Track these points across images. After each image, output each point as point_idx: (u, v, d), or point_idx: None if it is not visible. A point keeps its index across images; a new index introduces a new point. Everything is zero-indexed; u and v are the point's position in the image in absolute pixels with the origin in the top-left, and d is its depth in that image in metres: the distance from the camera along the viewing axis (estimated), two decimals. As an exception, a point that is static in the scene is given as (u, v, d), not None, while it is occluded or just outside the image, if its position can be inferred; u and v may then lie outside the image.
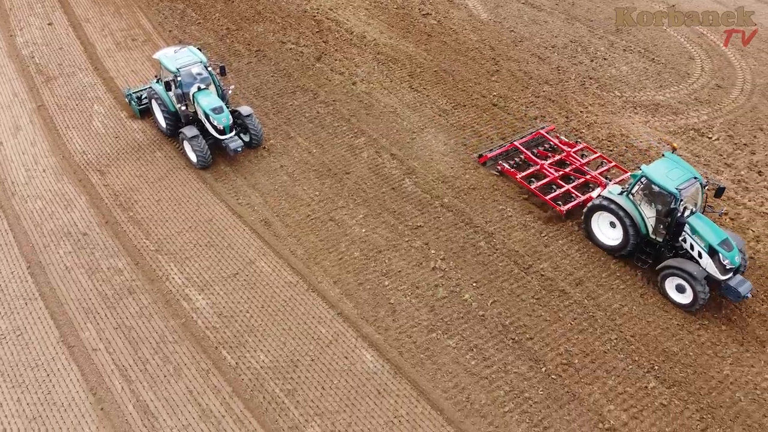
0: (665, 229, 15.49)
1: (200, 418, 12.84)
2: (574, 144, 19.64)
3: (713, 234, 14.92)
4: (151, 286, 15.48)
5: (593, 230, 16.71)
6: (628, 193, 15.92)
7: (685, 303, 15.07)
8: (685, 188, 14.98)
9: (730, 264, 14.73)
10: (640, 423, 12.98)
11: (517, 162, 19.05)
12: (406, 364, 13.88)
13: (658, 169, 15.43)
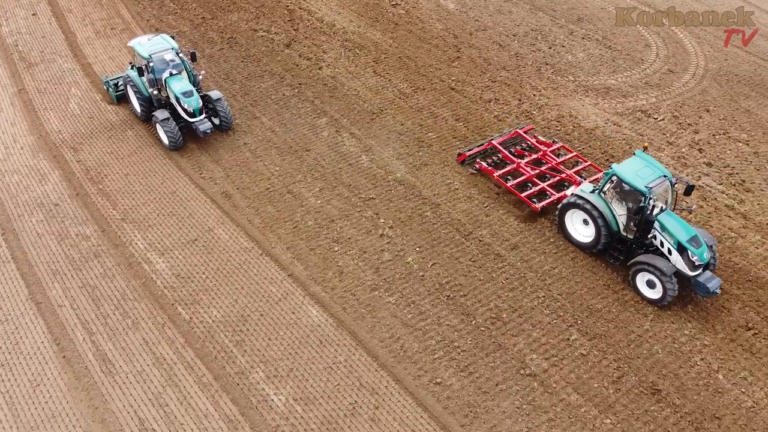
0: (636, 227, 15.90)
1: (154, 365, 14.08)
2: (551, 143, 20.06)
3: (682, 231, 15.32)
4: (115, 250, 16.74)
5: (567, 227, 17.10)
6: (600, 191, 16.32)
7: (655, 298, 15.53)
8: (655, 186, 15.34)
9: (698, 260, 15.13)
10: (560, 370, 14.21)
11: (494, 161, 19.54)
12: (348, 318, 15.13)
13: (628, 167, 15.79)
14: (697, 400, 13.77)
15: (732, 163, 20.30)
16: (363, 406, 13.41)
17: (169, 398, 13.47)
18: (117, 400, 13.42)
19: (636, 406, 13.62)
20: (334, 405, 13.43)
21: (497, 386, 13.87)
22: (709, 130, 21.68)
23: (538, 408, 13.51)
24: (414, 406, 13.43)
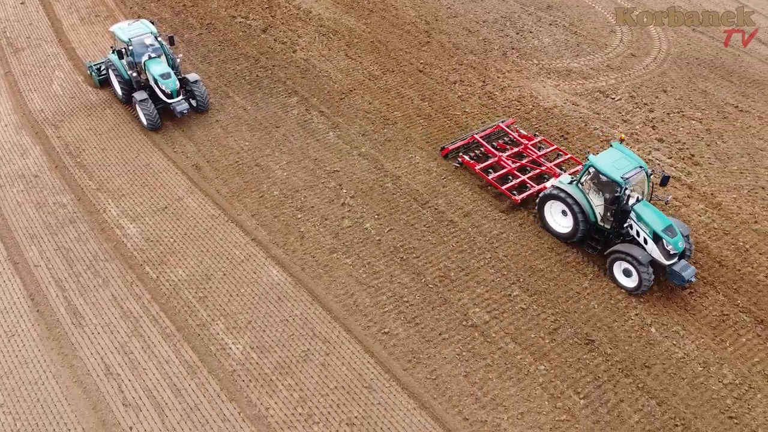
0: (612, 216, 16.31)
1: (121, 318, 15.17)
2: (532, 137, 20.56)
3: (658, 221, 15.70)
4: (90, 217, 17.83)
5: (546, 218, 17.45)
6: (578, 182, 16.74)
7: (632, 286, 15.90)
8: (631, 177, 15.72)
9: (673, 249, 15.52)
10: (500, 322, 15.28)
11: (477, 154, 19.99)
12: (306, 277, 16.22)
13: (605, 158, 16.21)
14: (629, 350, 14.84)
15: (683, 139, 21.37)
16: (315, 353, 14.50)
17: (133, 347, 14.56)
18: (85, 348, 14.51)
19: (569, 354, 14.69)
20: (288, 352, 14.51)
21: (440, 336, 14.96)
22: (665, 109, 22.75)
23: (477, 355, 14.58)
24: (362, 353, 14.52)
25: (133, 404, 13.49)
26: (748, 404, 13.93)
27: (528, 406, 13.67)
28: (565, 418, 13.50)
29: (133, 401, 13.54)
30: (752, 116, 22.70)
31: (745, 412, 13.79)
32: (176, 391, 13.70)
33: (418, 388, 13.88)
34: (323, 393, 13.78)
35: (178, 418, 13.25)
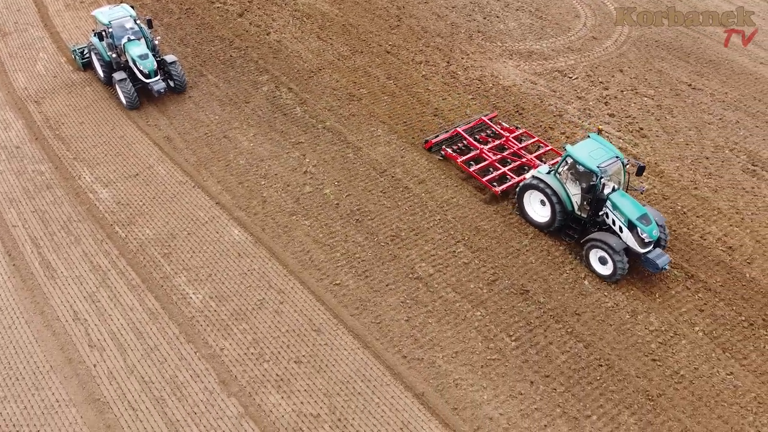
0: (589, 205, 16.76)
1: (90, 271, 16.41)
2: (514, 129, 20.98)
3: (633, 209, 16.07)
4: (66, 183, 19.07)
5: (525, 208, 17.87)
6: (555, 172, 17.14)
7: (607, 274, 16.34)
8: (606, 166, 16.17)
9: (648, 237, 15.87)
10: (443, 275, 16.50)
11: (460, 147, 20.45)
12: (265, 236, 17.45)
13: (581, 149, 16.66)
14: (561, 300, 16.04)
15: (634, 114, 22.57)
16: (269, 302, 15.72)
17: (101, 296, 15.80)
18: (56, 298, 15.75)
19: (505, 302, 15.89)
20: (244, 301, 15.74)
21: (387, 287, 16.17)
22: (619, 87, 23.95)
23: (420, 303, 15.80)
24: (313, 301, 15.74)
25: (97, 345, 14.72)
26: (672, 349, 15.11)
27: (462, 347, 14.88)
28: (496, 357, 14.70)
29: (98, 342, 14.78)
30: (704, 93, 23.89)
31: (669, 356, 14.97)
32: (138, 334, 14.94)
33: (363, 331, 15.11)
34: (275, 336, 15.00)
35: (138, 357, 14.48)
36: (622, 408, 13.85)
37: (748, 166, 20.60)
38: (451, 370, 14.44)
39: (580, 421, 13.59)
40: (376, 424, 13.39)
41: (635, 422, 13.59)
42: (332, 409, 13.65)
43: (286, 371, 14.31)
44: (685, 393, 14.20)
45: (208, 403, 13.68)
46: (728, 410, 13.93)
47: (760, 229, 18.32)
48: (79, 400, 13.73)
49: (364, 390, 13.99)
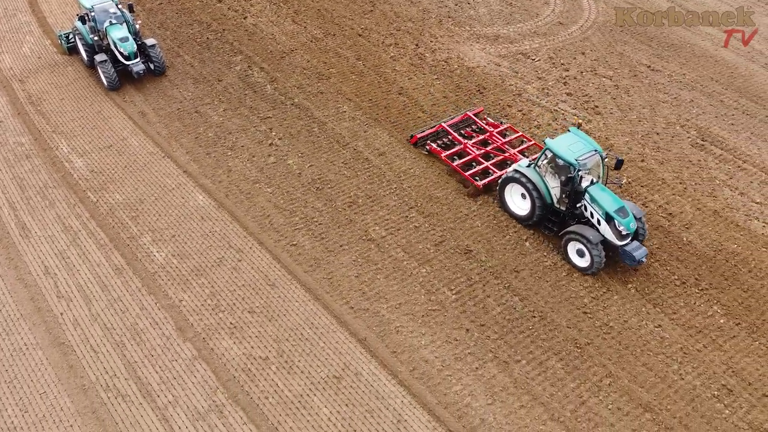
0: (567, 198, 17.08)
1: (62, 232, 17.59)
2: (498, 125, 21.32)
3: (610, 202, 16.36)
4: (44, 153, 20.28)
5: (506, 201, 18.19)
6: (535, 165, 17.42)
7: (584, 266, 16.64)
8: (584, 159, 16.41)
9: (625, 230, 16.17)
10: (394, 236, 17.62)
11: (445, 142, 20.73)
12: (228, 201, 18.59)
13: (561, 142, 16.97)
14: (502, 258, 17.14)
15: (591, 93, 23.64)
16: (228, 260, 16.87)
17: (71, 253, 16.97)
18: (29, 254, 16.93)
19: (449, 261, 16.99)
20: (204, 259, 16.89)
21: (341, 247, 17.29)
22: (579, 68, 25.03)
23: (370, 261, 16.91)
24: (270, 260, 16.88)
25: (65, 296, 15.89)
26: (603, 303, 16.19)
27: (406, 299, 15.99)
28: (436, 308, 15.80)
29: (65, 294, 15.95)
30: (662, 75, 24.94)
31: (600, 310, 16.04)
32: (103, 287, 16.11)
33: (315, 285, 16.24)
34: (231, 289, 16.15)
35: (102, 307, 15.65)
36: (550, 354, 14.93)
37: (698, 141, 21.64)
38: (393, 319, 15.55)
39: (509, 365, 14.67)
40: (320, 365, 14.51)
41: (562, 367, 14.67)
42: (280, 352, 14.78)
43: (240, 320, 15.45)
44: (613, 342, 15.27)
45: (165, 347, 14.82)
46: (653, 359, 14.99)
47: (702, 198, 19.37)
48: (45, 344, 14.90)
49: (311, 336, 15.11)
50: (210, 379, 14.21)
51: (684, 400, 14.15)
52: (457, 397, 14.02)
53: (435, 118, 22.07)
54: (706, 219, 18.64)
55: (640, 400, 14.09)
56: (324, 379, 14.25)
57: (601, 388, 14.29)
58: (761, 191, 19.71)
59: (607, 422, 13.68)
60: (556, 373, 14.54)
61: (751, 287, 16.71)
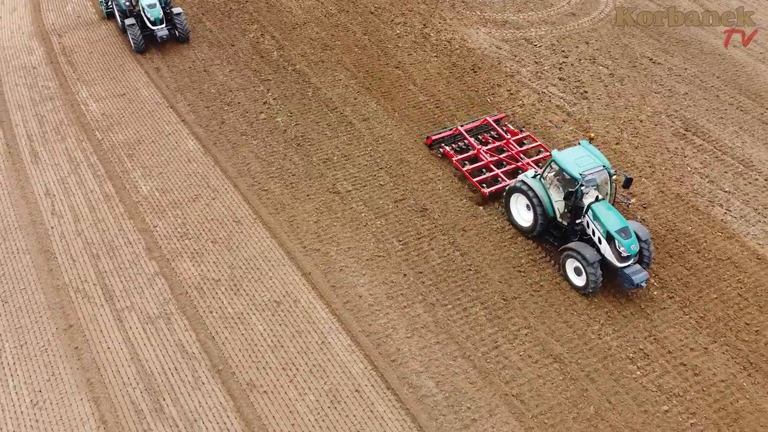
0: (569, 213, 16.69)
1: (67, 162, 20.12)
2: (518, 132, 21.09)
3: (613, 221, 15.85)
4: (65, 97, 22.98)
5: (512, 212, 17.94)
6: (540, 176, 17.14)
7: (580, 285, 16.13)
8: (590, 174, 15.95)
9: (625, 251, 15.62)
10: (359, 192, 19.17)
11: (460, 146, 20.72)
12: (215, 149, 20.63)
13: (568, 155, 16.57)
14: (454, 219, 18.36)
15: (584, 80, 24.35)
16: (203, 197, 18.89)
17: (70, 180, 19.47)
18: (35, 178, 19.56)
19: (405, 217, 18.36)
20: (183, 195, 18.97)
21: (308, 196, 18.99)
22: (579, 56, 25.74)
23: (331, 210, 18.51)
24: (240, 200, 18.80)
25: (58, 213, 18.32)
26: (539, 265, 17.18)
27: (356, 245, 17.49)
28: (382, 255, 17.24)
29: (59, 212, 18.37)
30: (663, 68, 25.32)
31: (534, 270, 17.04)
32: (91, 209, 18.45)
33: (275, 226, 18.00)
34: (201, 222, 18.13)
35: (87, 225, 17.97)
36: (477, 303, 16.09)
37: (680, 130, 22.07)
38: (339, 260, 17.09)
39: (435, 307, 15.94)
40: (263, 289, 16.25)
41: (485, 315, 15.81)
42: (231, 277, 16.61)
43: (202, 247, 17.39)
44: (539, 299, 16.27)
45: (132, 263, 16.94)
46: (576, 318, 15.89)
47: (668, 182, 19.91)
48: (33, 250, 17.31)
49: (263, 266, 16.88)
50: (165, 292, 16.21)
51: (596, 357, 15.03)
52: (381, 328, 15.44)
53: (425, 92, 23.44)
54: (666, 201, 19.22)
55: (552, 351, 15.09)
56: (265, 303, 15.98)
57: (518, 336, 15.36)
58: (733, 181, 20.05)
59: (515, 366, 14.76)
60: (478, 320, 15.70)
61: (695, 266, 17.28)
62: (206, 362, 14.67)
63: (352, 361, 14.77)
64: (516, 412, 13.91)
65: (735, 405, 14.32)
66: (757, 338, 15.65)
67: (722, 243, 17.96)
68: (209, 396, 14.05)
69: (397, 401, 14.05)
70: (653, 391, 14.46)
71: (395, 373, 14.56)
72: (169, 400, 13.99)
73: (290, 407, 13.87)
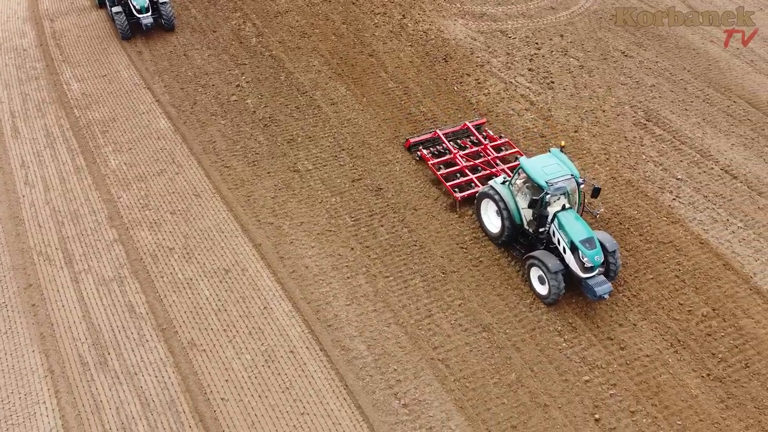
0: (535, 221, 16.68)
1: (44, 137, 21.28)
2: (496, 138, 21.14)
3: (578, 231, 15.77)
4: (50, 77, 24.19)
5: (482, 217, 17.92)
6: (510, 183, 17.15)
7: (543, 294, 16.15)
8: (556, 182, 15.88)
9: (589, 262, 15.51)
10: (318, 171, 20.05)
11: (438, 150, 20.78)
12: (184, 128, 21.67)
13: (536, 162, 16.52)
14: (406, 198, 19.14)
15: (553, 71, 24.95)
16: (167, 172, 19.94)
17: (45, 153, 20.62)
18: (13, 150, 20.75)
19: (360, 195, 19.18)
20: (149, 169, 20.04)
21: (268, 174, 19.89)
22: (551, 48, 26.33)
23: (289, 188, 19.41)
24: (202, 176, 19.79)
25: (30, 183, 19.49)
26: (481, 243, 17.89)
27: (308, 220, 18.36)
28: (332, 230, 18.08)
29: (31, 182, 19.54)
30: (634, 61, 25.81)
31: (476, 248, 17.75)
32: (62, 180, 19.56)
33: (233, 200, 18.95)
34: (162, 195, 19.13)
35: (55, 195, 19.10)
36: (417, 276, 16.85)
37: (641, 120, 22.59)
38: (291, 233, 17.96)
39: (377, 278, 16.73)
40: (214, 258, 17.19)
41: (423, 286, 16.57)
42: (185, 246, 17.57)
43: (161, 218, 18.38)
44: (477, 273, 16.98)
45: (94, 230, 17.99)
46: (509, 292, 16.58)
47: (621, 168, 20.46)
48: (4, 216, 18.48)
49: (216, 237, 17.81)
50: (122, 257, 17.22)
51: (525, 329, 15.70)
52: (322, 296, 16.27)
53: (395, 79, 24.23)
54: (616, 187, 19.78)
55: (482, 321, 15.80)
56: (214, 270, 16.91)
57: (451, 306, 16.09)
58: (687, 170, 20.54)
59: (445, 333, 15.49)
60: (416, 291, 16.45)
61: (635, 248, 17.84)
62: (152, 322, 15.64)
63: (291, 325, 15.64)
64: (440, 375, 14.66)
65: (657, 379, 14.92)
66: (688, 317, 16.23)
67: (666, 227, 18.51)
68: (151, 352, 15.01)
69: (329, 362, 14.88)
70: (576, 362, 15.09)
71: (330, 336, 15.39)
72: (114, 354, 14.98)
73: (226, 365, 14.78)
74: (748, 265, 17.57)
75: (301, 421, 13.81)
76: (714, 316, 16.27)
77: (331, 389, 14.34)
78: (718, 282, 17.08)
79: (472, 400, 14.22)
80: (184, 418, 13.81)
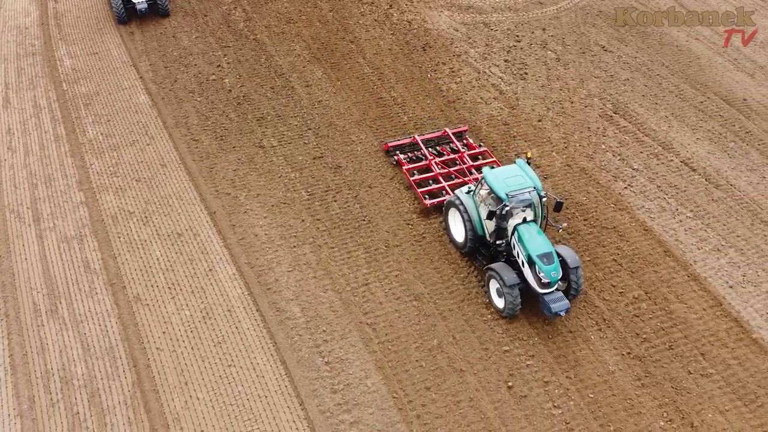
0: (495, 232, 16.42)
1: (32, 107, 22.84)
2: (475, 146, 21.09)
3: (537, 245, 15.54)
4: (46, 53, 25.79)
5: (449, 226, 17.87)
6: (474, 193, 17.05)
7: (500, 307, 16.00)
8: (517, 195, 15.74)
9: (545, 277, 15.29)
10: (282, 148, 21.13)
11: (416, 155, 20.87)
12: (162, 103, 22.97)
13: (499, 173, 16.42)
14: (363, 177, 20.03)
15: (529, 62, 25.52)
16: (139, 143, 21.28)
17: (30, 122, 22.16)
18: (1, 120, 22.19)
19: (320, 173, 20.18)
20: (123, 140, 21.41)
21: (233, 148, 21.00)
22: (531, 41, 26.89)
23: (252, 162, 20.50)
24: (171, 147, 21.06)
25: (12, 149, 21.05)
26: (428, 221, 18.69)
27: (265, 191, 19.44)
28: (287, 203, 19.14)
29: (14, 147, 21.12)
30: (613, 56, 26.21)
31: (423, 225, 18.56)
32: (41, 147, 21.06)
33: (195, 171, 20.14)
34: (131, 163, 20.46)
35: (34, 160, 20.58)
36: (360, 248, 17.74)
37: (608, 112, 23.04)
38: (246, 203, 19.03)
39: (321, 248, 17.67)
40: (170, 223, 18.37)
41: (365, 257, 17.46)
42: (144, 210, 18.81)
43: (126, 185, 19.69)
44: (418, 248, 17.79)
45: (63, 192, 19.37)
46: (445, 266, 17.36)
47: (578, 157, 20.99)
48: (-16, 177, 19.96)
49: (174, 204, 19.01)
50: (85, 218, 18.53)
51: (454, 300, 16.45)
52: (266, 262, 17.27)
53: (371, 65, 25.12)
54: (569, 174, 20.34)
55: (414, 291, 16.61)
56: (168, 233, 18.08)
57: (388, 277, 16.94)
58: (646, 161, 20.96)
59: (378, 301, 16.34)
60: (357, 261, 17.33)
61: (577, 231, 18.41)
62: (104, 277, 16.87)
63: (232, 287, 16.68)
64: (365, 337, 15.51)
65: (576, 354, 15.52)
66: (618, 299, 16.76)
67: (612, 213, 19.02)
68: (98, 304, 16.22)
69: (262, 321, 15.87)
70: (499, 333, 15.77)
71: (267, 299, 16.38)
72: (65, 304, 16.23)
73: (165, 318, 15.90)
74: (689, 252, 18.00)
75: (228, 372, 14.83)
76: (645, 299, 16.78)
77: (260, 345, 15.33)
78: (655, 267, 17.56)
79: (392, 362, 15.04)
80: (119, 363, 14.97)
